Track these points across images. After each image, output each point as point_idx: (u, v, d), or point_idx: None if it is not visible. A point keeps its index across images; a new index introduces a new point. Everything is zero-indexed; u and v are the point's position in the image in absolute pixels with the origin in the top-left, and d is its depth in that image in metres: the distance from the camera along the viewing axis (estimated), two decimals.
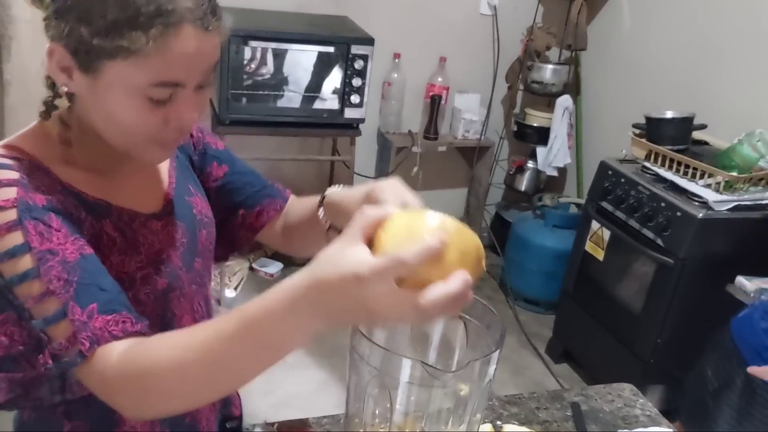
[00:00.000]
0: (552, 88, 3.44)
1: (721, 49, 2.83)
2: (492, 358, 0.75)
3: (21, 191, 0.77)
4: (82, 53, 0.76)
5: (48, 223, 0.77)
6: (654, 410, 1.39)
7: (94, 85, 0.78)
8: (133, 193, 0.92)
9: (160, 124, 0.81)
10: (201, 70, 0.80)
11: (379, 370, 0.75)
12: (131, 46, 0.74)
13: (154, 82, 0.76)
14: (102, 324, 0.75)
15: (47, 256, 0.76)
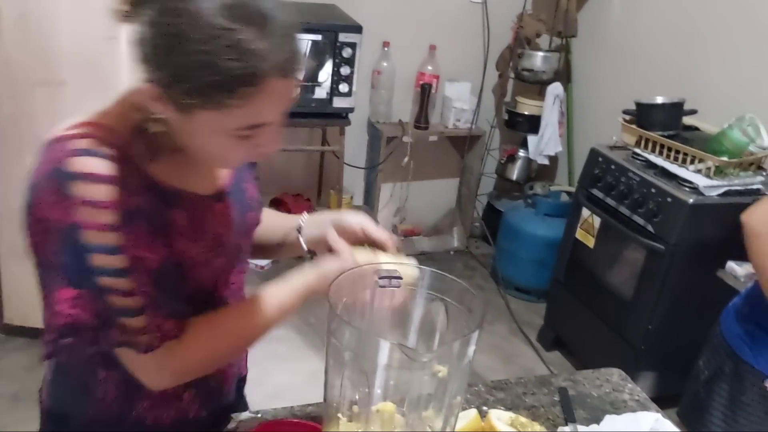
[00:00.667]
0: (543, 76, 3.42)
1: (711, 35, 2.81)
2: (471, 339, 0.73)
3: (119, 192, 0.82)
4: (177, 99, 0.80)
5: (139, 229, 0.84)
6: (642, 395, 1.38)
7: (186, 122, 0.83)
8: (199, 175, 0.96)
9: (246, 154, 0.88)
10: (284, 107, 0.85)
11: (357, 354, 0.74)
12: (220, 104, 0.79)
13: (241, 126, 0.82)
14: (171, 328, 0.88)
15: (137, 262, 0.84)
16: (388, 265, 0.90)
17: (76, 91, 2.37)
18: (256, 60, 0.77)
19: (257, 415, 1.15)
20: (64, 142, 0.83)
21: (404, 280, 0.90)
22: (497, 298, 3.41)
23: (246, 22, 0.76)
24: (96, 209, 0.81)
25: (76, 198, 0.80)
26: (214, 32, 0.75)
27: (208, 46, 0.75)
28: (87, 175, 0.81)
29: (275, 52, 0.78)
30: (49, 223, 0.82)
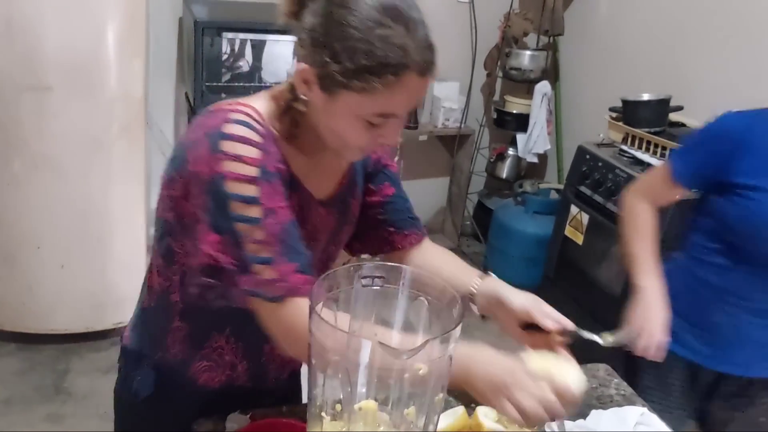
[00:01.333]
0: (530, 75, 3.44)
1: (696, 32, 2.83)
2: (451, 336, 0.74)
3: (262, 155, 0.95)
4: (326, 80, 0.93)
5: (275, 186, 0.96)
6: (629, 390, 1.40)
7: (328, 102, 0.95)
8: (318, 178, 1.09)
9: (371, 140, 0.98)
10: (412, 106, 0.98)
11: (339, 353, 0.75)
12: (367, 87, 0.91)
13: (377, 113, 0.94)
14: (298, 281, 0.94)
15: (270, 213, 0.94)
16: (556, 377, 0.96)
17: (63, 96, 2.37)
18: (402, 54, 0.90)
19: (247, 415, 1.16)
20: (222, 113, 0.97)
21: (573, 391, 0.96)
22: None
23: (397, 22, 0.90)
24: (240, 163, 0.92)
25: (226, 153, 0.92)
26: (371, 24, 0.89)
27: (366, 35, 0.89)
28: (237, 137, 0.94)
29: (417, 51, 0.91)
30: (199, 175, 0.93)
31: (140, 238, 2.70)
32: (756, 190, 1.42)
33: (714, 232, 1.54)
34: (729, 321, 1.54)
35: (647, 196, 1.62)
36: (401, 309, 0.87)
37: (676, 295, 1.58)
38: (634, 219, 1.63)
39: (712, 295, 1.55)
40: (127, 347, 1.21)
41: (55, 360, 2.64)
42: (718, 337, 1.56)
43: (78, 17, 2.32)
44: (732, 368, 1.59)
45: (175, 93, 3.24)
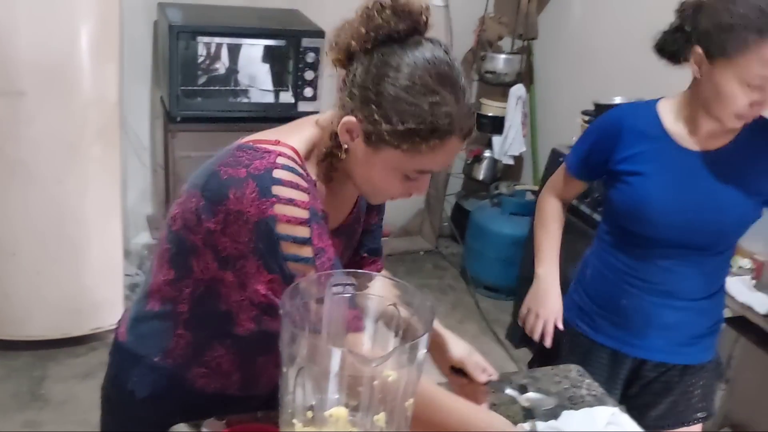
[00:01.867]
0: (505, 78, 3.47)
1: None
2: (420, 343, 0.76)
3: (310, 198, 0.99)
4: (373, 136, 0.97)
5: (323, 227, 1.00)
6: (600, 390, 1.42)
7: (370, 155, 1.00)
8: (333, 208, 1.12)
9: (403, 191, 1.05)
10: (447, 164, 1.05)
11: (310, 361, 0.76)
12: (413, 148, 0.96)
13: (417, 170, 1.00)
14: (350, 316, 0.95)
15: (321, 252, 0.98)
16: None
17: (37, 101, 2.36)
18: (449, 121, 0.95)
19: (222, 420, 1.17)
20: (269, 155, 0.99)
21: None
22: (467, 297, 3.45)
23: (448, 89, 0.95)
24: (292, 206, 0.96)
25: (279, 197, 0.96)
26: (423, 90, 0.94)
27: (418, 100, 0.93)
28: (286, 182, 0.97)
29: (463, 119, 0.97)
30: (245, 215, 0.96)
31: (117, 242, 2.68)
32: (634, 174, 1.50)
33: (610, 219, 1.63)
34: (637, 305, 1.58)
35: (554, 191, 1.72)
36: (372, 316, 0.88)
37: (591, 281, 1.67)
38: (540, 212, 1.74)
39: (618, 280, 1.60)
40: (123, 345, 1.21)
41: (31, 367, 2.62)
42: (630, 322, 1.60)
43: (51, 22, 2.30)
44: (649, 354, 1.62)
45: (150, 97, 3.22)
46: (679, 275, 1.54)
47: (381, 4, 0.97)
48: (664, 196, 1.47)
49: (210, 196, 0.99)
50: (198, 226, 1.01)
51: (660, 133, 1.50)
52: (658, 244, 1.52)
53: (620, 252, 1.59)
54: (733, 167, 1.46)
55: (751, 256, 2.31)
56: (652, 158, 1.49)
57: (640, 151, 1.50)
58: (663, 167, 1.48)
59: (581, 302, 1.69)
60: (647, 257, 1.54)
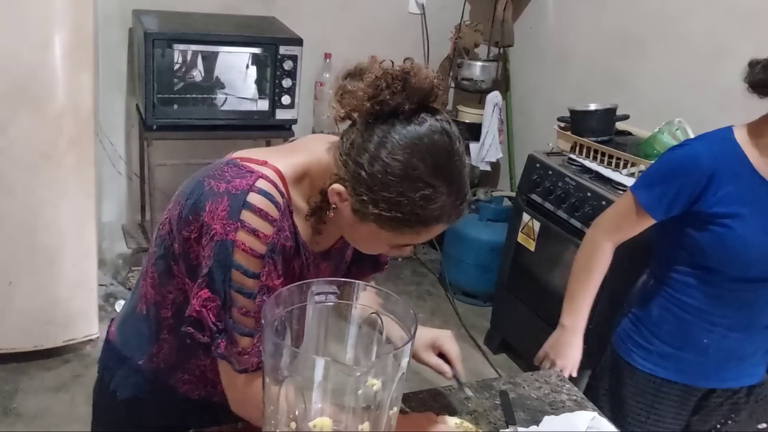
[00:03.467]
0: (482, 85, 3.50)
1: (641, 43, 2.93)
2: (404, 352, 0.76)
3: (275, 232, 0.98)
4: (360, 205, 0.95)
5: (277, 265, 0.99)
6: (579, 395, 1.43)
7: (355, 221, 0.98)
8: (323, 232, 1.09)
9: (387, 251, 1.05)
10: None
11: (293, 371, 0.75)
12: (398, 231, 0.96)
13: (399, 245, 1.00)
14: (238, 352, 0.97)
15: (264, 291, 0.97)
16: None
17: (9, 109, 2.32)
18: (439, 213, 0.94)
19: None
20: (250, 176, 0.98)
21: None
22: (445, 303, 3.46)
23: (441, 180, 0.92)
24: (254, 237, 0.95)
25: (243, 224, 0.95)
26: (416, 183, 0.91)
27: (408, 191, 0.91)
28: (257, 209, 0.96)
29: (453, 208, 0.95)
30: (212, 231, 0.96)
31: (91, 252, 2.64)
32: (731, 217, 1.44)
33: (691, 261, 1.53)
34: (718, 341, 1.55)
35: (612, 231, 1.60)
36: (354, 324, 0.88)
37: (659, 322, 1.60)
38: (588, 259, 1.63)
39: (697, 320, 1.55)
40: (111, 343, 1.22)
41: (2, 381, 2.56)
42: (708, 357, 1.58)
43: (24, 29, 2.27)
44: (723, 383, 1.62)
45: (126, 105, 3.19)
46: (760, 307, 1.53)
47: (392, 77, 0.91)
48: (761, 235, 1.43)
49: (191, 205, 0.99)
50: (178, 232, 1.01)
51: (747, 167, 1.44)
52: (749, 282, 1.48)
53: (703, 293, 1.53)
54: None
55: None
56: (746, 198, 1.43)
57: (734, 192, 1.43)
58: (755, 205, 1.44)
59: (645, 342, 1.62)
60: (735, 296, 1.51)
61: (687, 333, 1.57)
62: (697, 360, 1.58)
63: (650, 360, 1.62)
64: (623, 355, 1.66)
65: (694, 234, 1.49)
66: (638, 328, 1.64)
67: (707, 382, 1.62)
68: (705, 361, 1.58)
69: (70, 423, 2.38)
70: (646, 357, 1.62)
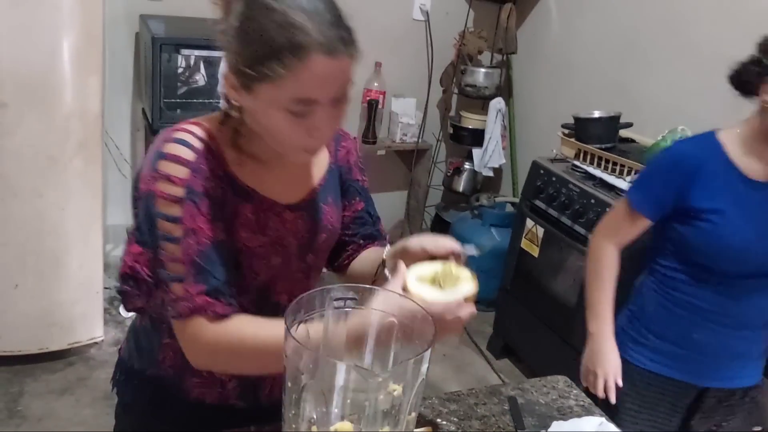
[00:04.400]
0: (485, 91, 3.52)
1: (645, 51, 2.95)
2: (424, 357, 0.77)
3: (191, 174, 0.98)
4: (242, 77, 0.94)
5: (200, 206, 0.98)
6: (587, 400, 1.44)
7: (252, 102, 0.96)
8: (281, 183, 1.10)
9: (303, 134, 0.98)
10: (332, 89, 0.95)
11: (314, 375, 0.77)
12: (272, 74, 0.91)
13: (292, 99, 0.93)
14: (203, 303, 0.97)
15: (190, 234, 0.97)
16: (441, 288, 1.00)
17: (18, 113, 2.33)
18: (301, 34, 0.90)
19: None
20: (168, 132, 1.01)
21: (465, 294, 1.02)
22: None
23: (299, 8, 0.91)
24: (168, 183, 0.97)
25: (159, 172, 0.97)
26: (268, 12, 0.90)
27: (262, 22, 0.90)
28: (170, 156, 0.98)
29: (319, 30, 0.91)
30: (139, 191, 0.99)
31: (97, 256, 2.65)
32: (714, 213, 1.49)
33: (679, 255, 1.58)
34: (709, 337, 1.58)
35: (612, 235, 1.64)
36: (373, 330, 0.89)
37: (653, 317, 1.64)
38: (595, 262, 1.67)
39: (688, 314, 1.59)
40: (122, 362, 1.24)
41: (8, 382, 2.57)
42: (701, 353, 1.60)
43: (33, 33, 2.28)
44: (717, 382, 1.64)
45: (132, 109, 3.20)
46: (753, 305, 1.56)
47: None
48: (744, 231, 1.47)
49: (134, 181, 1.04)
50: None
51: (728, 166, 1.49)
52: (735, 278, 1.52)
53: (692, 288, 1.57)
54: None
55: None
56: (727, 194, 1.49)
57: (716, 188, 1.49)
58: (737, 202, 1.48)
59: (639, 337, 1.66)
60: (723, 291, 1.54)
61: (679, 329, 1.60)
62: (689, 357, 1.61)
63: (644, 355, 1.65)
64: (618, 349, 1.68)
65: (681, 229, 1.54)
66: (633, 324, 1.68)
67: (701, 380, 1.64)
68: (697, 358, 1.61)
69: (74, 425, 2.39)
70: (640, 352, 1.65)
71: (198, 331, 0.98)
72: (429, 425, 1.25)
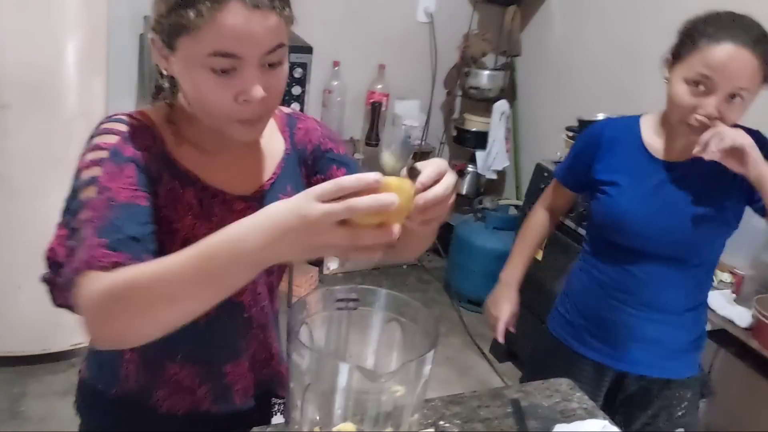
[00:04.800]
0: (489, 94, 3.52)
1: (648, 52, 2.92)
2: (426, 359, 0.77)
3: (120, 141, 0.92)
4: (164, 33, 0.89)
5: (122, 168, 0.90)
6: (590, 403, 1.44)
7: (177, 63, 0.90)
8: (230, 175, 1.03)
9: (230, 99, 0.90)
10: (254, 45, 0.88)
11: (318, 376, 0.76)
12: (187, 23, 0.85)
13: (210, 52, 0.86)
14: (100, 255, 0.83)
15: (104, 191, 0.88)
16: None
17: (21, 114, 2.33)
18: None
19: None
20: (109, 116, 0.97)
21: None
22: (451, 311, 3.46)
23: None
24: (95, 150, 0.92)
25: (90, 145, 0.93)
26: None
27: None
28: (103, 129, 0.94)
29: None
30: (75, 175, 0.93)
31: None
32: (609, 185, 1.55)
33: (591, 230, 1.68)
34: (618, 317, 1.61)
35: (544, 202, 1.79)
36: (376, 331, 0.89)
37: (576, 294, 1.70)
38: (525, 222, 1.83)
39: (601, 292, 1.63)
40: (83, 382, 1.15)
41: (10, 383, 2.57)
42: (612, 334, 1.63)
43: (37, 35, 2.29)
44: (632, 367, 1.64)
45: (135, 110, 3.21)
46: (659, 288, 1.57)
47: None
48: (638, 206, 1.52)
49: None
50: None
51: (637, 144, 1.55)
52: (636, 255, 1.55)
53: (602, 263, 1.63)
54: (704, 180, 1.50)
55: (730, 270, 2.35)
56: (628, 169, 1.54)
57: (618, 162, 1.55)
58: (637, 178, 1.53)
59: (567, 314, 1.72)
60: (627, 269, 1.58)
61: (593, 305, 1.65)
62: (603, 336, 1.64)
63: (568, 333, 1.70)
64: (549, 326, 1.77)
65: (590, 205, 1.63)
66: (563, 302, 1.75)
67: (616, 363, 1.65)
68: (609, 337, 1.63)
69: (76, 426, 2.38)
70: (564, 327, 1.72)
71: (89, 287, 0.81)
72: (431, 427, 1.24)
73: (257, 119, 0.95)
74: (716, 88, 1.36)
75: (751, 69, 1.35)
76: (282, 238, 0.71)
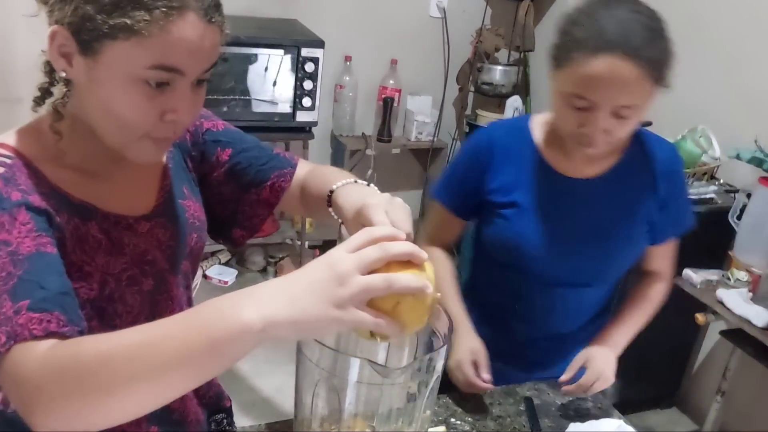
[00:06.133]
0: (502, 89, 3.49)
1: None
2: (439, 354, 0.75)
3: (2, 184, 0.78)
4: (85, 32, 0.76)
5: (14, 216, 0.76)
6: (605, 402, 1.42)
7: (93, 68, 0.78)
8: (123, 195, 0.92)
9: (155, 116, 0.80)
10: (200, 61, 0.80)
11: (328, 371, 0.75)
12: (135, 25, 0.74)
13: (153, 64, 0.76)
14: (25, 321, 0.70)
15: (2, 246, 0.74)
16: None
17: (30, 111, 2.34)
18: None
19: None
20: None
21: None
22: None
23: None
24: None
25: None
26: None
27: None
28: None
29: None
30: None
31: None
32: (510, 207, 1.34)
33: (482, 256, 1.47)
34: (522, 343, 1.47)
35: (437, 239, 1.50)
36: None
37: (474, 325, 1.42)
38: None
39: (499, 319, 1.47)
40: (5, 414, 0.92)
41: None
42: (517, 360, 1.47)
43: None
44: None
45: None
46: (561, 313, 1.43)
47: None
48: (542, 229, 1.33)
49: None
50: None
51: (533, 154, 1.34)
52: (537, 281, 1.37)
53: (498, 291, 1.46)
54: (616, 194, 1.34)
55: (747, 269, 2.32)
56: (526, 185, 1.33)
57: (515, 179, 1.34)
58: (537, 195, 1.33)
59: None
60: (526, 295, 1.41)
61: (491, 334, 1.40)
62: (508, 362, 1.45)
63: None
64: None
65: (483, 229, 1.40)
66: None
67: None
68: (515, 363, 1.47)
69: None
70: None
71: (21, 361, 0.68)
72: (443, 424, 1.23)
73: (172, 138, 0.87)
74: (596, 107, 1.17)
75: (635, 83, 1.16)
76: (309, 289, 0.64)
